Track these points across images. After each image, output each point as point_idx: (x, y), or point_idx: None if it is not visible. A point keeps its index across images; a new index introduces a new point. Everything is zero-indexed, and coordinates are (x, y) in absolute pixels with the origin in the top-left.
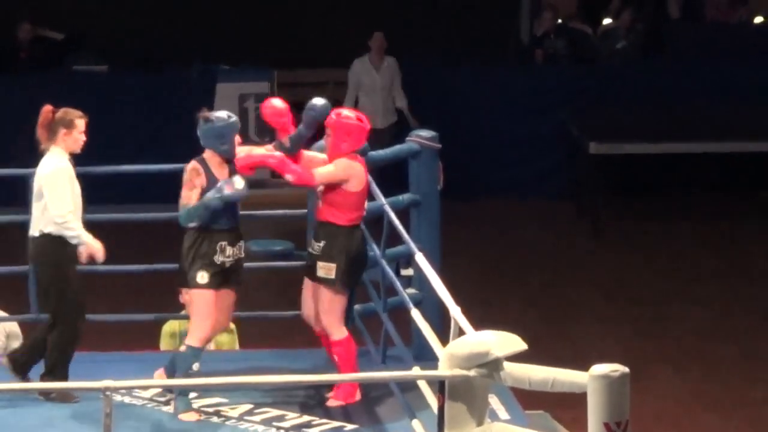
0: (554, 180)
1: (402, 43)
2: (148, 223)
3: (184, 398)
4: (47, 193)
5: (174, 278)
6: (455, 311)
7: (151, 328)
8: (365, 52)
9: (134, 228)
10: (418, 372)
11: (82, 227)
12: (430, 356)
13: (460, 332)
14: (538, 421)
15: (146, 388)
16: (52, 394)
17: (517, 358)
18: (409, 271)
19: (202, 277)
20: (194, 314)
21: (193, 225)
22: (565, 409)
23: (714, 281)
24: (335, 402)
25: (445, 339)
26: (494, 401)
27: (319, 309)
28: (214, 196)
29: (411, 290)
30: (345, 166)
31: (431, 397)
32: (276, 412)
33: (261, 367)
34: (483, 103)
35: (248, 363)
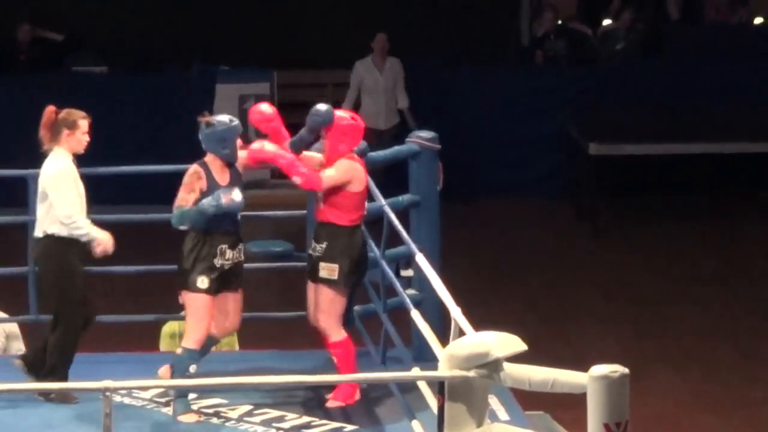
0: (554, 180)
1: (402, 43)
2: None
3: (183, 399)
4: (52, 195)
5: (173, 279)
6: (455, 312)
7: (150, 329)
8: (366, 52)
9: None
10: (418, 373)
11: (89, 224)
12: (430, 357)
13: (460, 333)
14: (537, 422)
15: (146, 388)
16: (52, 395)
17: (517, 358)
18: (408, 272)
19: (202, 281)
20: (190, 316)
21: (191, 227)
22: (565, 409)
23: (714, 281)
24: (334, 403)
25: (445, 340)
26: (494, 402)
27: (317, 309)
28: (210, 204)
29: (411, 291)
30: (347, 168)
31: (431, 397)
32: (276, 413)
33: (260, 367)
34: (483, 104)
35: (248, 364)
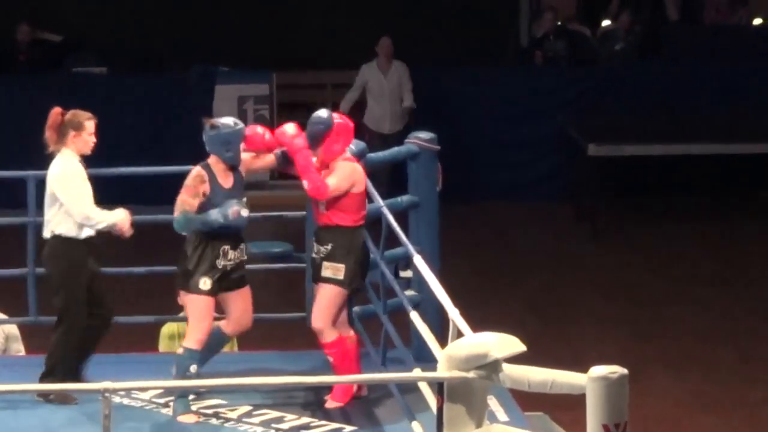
0: (553, 182)
1: (402, 44)
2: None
3: (183, 400)
4: (65, 197)
5: (173, 280)
6: (454, 313)
7: (150, 330)
8: (366, 53)
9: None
10: (417, 374)
11: (103, 213)
12: (429, 358)
13: (459, 334)
14: (537, 423)
15: (145, 389)
16: (51, 396)
17: (516, 359)
18: (408, 273)
19: (205, 283)
20: (191, 317)
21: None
22: (565, 410)
23: (713, 282)
24: (333, 403)
25: (444, 341)
26: (493, 403)
27: (315, 307)
28: (217, 219)
29: (410, 292)
30: (349, 173)
31: (431, 398)
32: (275, 413)
33: (260, 368)
34: (482, 105)
35: (247, 365)
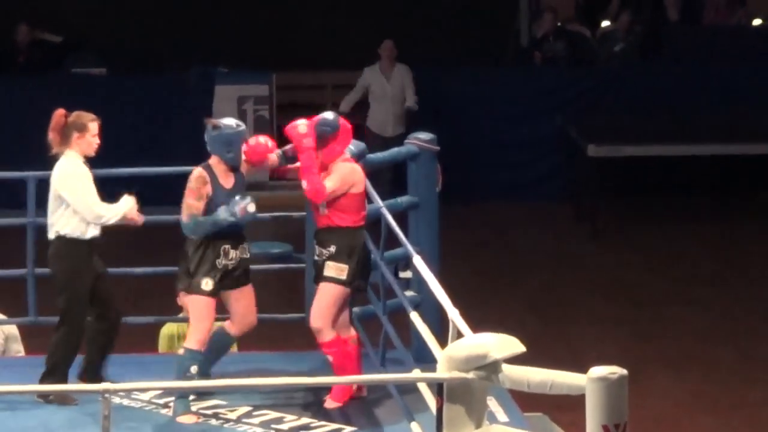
0: (553, 182)
1: (402, 44)
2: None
3: (183, 400)
4: (73, 200)
5: (173, 281)
6: (453, 314)
7: (149, 331)
8: (366, 54)
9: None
10: (416, 374)
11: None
12: (429, 359)
13: (459, 335)
14: (536, 424)
15: (145, 390)
16: (51, 396)
17: (515, 360)
18: (407, 274)
19: (207, 284)
20: (192, 317)
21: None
22: (564, 411)
23: (713, 282)
24: (332, 404)
25: (444, 341)
26: (493, 403)
27: (314, 306)
28: (226, 217)
29: (410, 293)
30: (347, 175)
31: (430, 399)
32: (274, 414)
33: (259, 369)
34: (482, 105)
35: (247, 365)
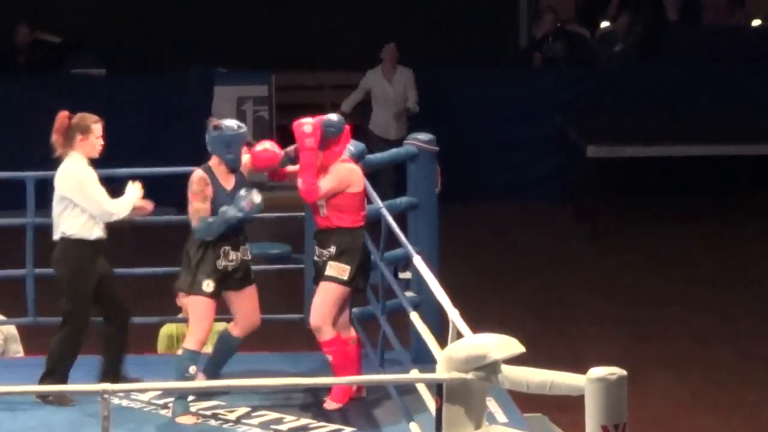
0: (553, 183)
1: (402, 44)
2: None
3: (182, 401)
4: (83, 201)
5: (172, 281)
6: (453, 314)
7: (149, 331)
8: (365, 55)
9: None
10: (416, 375)
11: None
12: (428, 359)
13: (458, 335)
14: (536, 424)
15: (144, 391)
16: (50, 397)
17: (515, 360)
18: (407, 274)
19: (208, 285)
20: (192, 318)
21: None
22: (563, 412)
23: (713, 283)
24: (332, 404)
25: (443, 342)
26: (492, 404)
27: (314, 305)
28: (236, 214)
29: (409, 293)
30: (345, 174)
31: (430, 400)
32: (274, 415)
33: (259, 369)
34: (482, 106)
35: (246, 366)
